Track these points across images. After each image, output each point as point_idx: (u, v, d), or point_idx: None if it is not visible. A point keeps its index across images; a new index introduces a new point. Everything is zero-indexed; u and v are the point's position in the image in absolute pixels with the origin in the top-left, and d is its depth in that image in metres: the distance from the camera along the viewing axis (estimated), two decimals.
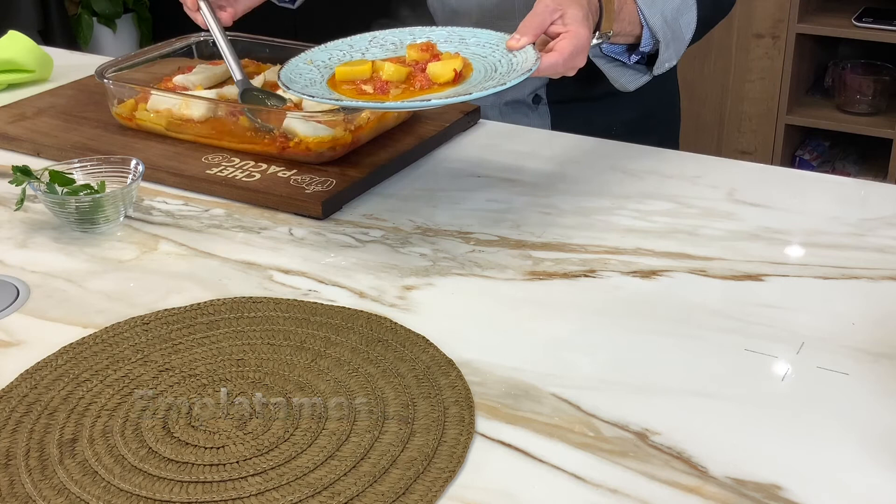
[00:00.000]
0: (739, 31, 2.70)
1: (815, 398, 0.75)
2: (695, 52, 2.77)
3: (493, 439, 0.71)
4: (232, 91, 1.21)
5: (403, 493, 0.66)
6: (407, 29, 1.05)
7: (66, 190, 1.02)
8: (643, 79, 1.17)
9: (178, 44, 1.37)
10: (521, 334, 0.84)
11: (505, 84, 0.91)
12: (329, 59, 1.03)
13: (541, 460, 0.69)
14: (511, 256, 0.96)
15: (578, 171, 1.15)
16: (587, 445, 0.70)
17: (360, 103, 0.95)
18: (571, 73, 0.99)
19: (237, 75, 1.20)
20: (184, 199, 1.10)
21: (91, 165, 1.06)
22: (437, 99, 0.93)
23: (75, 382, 0.78)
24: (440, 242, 0.99)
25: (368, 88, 0.96)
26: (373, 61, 1.00)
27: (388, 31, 1.05)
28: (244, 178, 1.09)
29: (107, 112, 1.26)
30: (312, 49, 1.04)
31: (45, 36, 3.27)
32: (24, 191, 1.03)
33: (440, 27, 1.06)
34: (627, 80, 1.17)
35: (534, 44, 0.97)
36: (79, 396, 0.76)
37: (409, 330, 0.83)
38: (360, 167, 1.11)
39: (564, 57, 0.95)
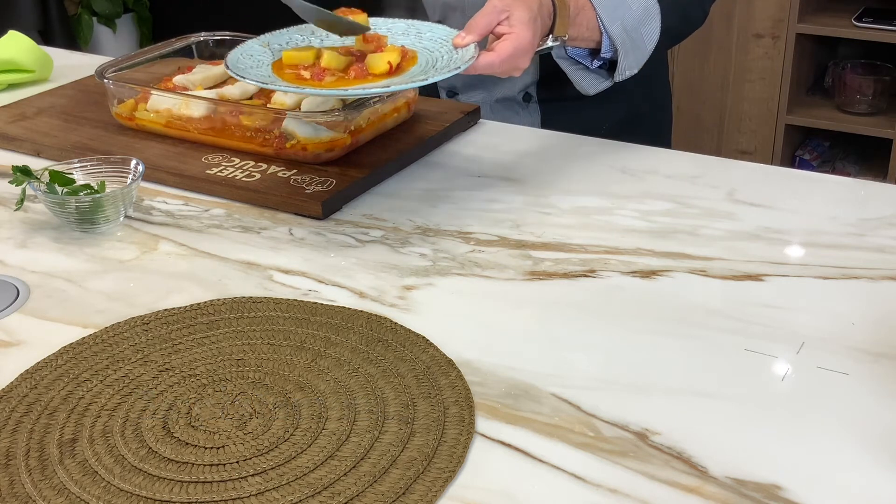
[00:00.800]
0: (739, 31, 2.70)
1: (815, 398, 0.75)
2: (695, 52, 2.77)
3: (493, 439, 0.71)
4: (232, 91, 1.21)
5: (403, 493, 0.66)
6: (372, 18, 1.07)
7: (66, 190, 1.02)
8: (604, 84, 1.18)
9: (178, 44, 1.37)
10: (521, 334, 0.84)
11: (426, 79, 0.93)
12: (286, 43, 1.05)
13: (541, 460, 0.69)
14: (511, 256, 0.96)
15: (578, 170, 1.15)
16: (587, 445, 0.70)
17: (284, 87, 0.96)
18: (516, 74, 1.01)
19: None
20: (184, 199, 1.10)
21: (91, 165, 1.06)
22: (354, 89, 0.97)
23: (75, 382, 0.78)
24: (440, 242, 0.99)
25: (306, 74, 0.99)
26: (318, 48, 1.01)
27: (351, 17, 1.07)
28: (244, 178, 1.09)
29: (107, 112, 1.26)
30: (273, 32, 1.07)
31: (45, 36, 3.27)
32: (24, 191, 1.03)
33: (403, 20, 1.07)
34: (588, 83, 1.17)
35: (478, 43, 0.98)
36: (79, 396, 0.76)
37: (409, 330, 0.83)
38: (360, 167, 1.11)
39: (502, 58, 0.97)
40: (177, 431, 0.72)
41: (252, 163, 1.13)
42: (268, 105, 1.18)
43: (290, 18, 1.04)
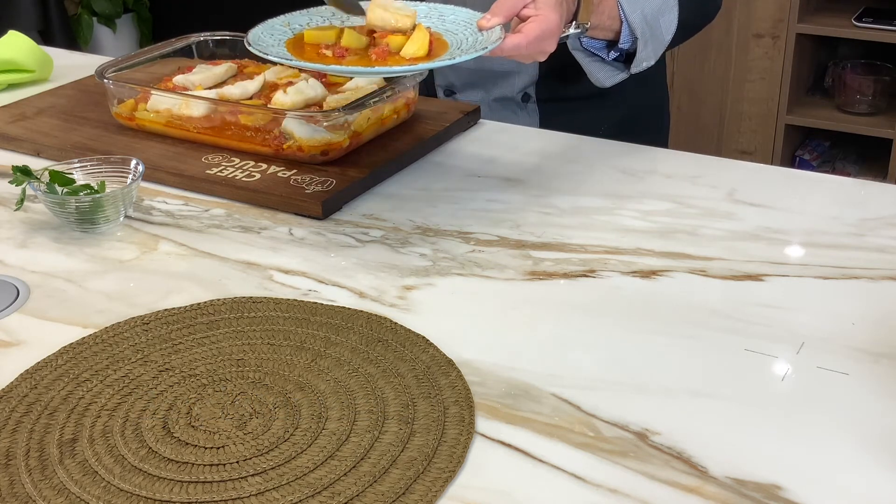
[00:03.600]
0: (739, 31, 2.70)
1: (815, 398, 0.75)
2: (695, 52, 2.77)
3: (493, 439, 0.71)
4: (232, 91, 1.21)
5: (403, 493, 0.66)
6: (391, 1, 1.06)
7: (66, 190, 1.02)
8: (620, 76, 1.18)
9: (178, 44, 1.37)
10: (521, 334, 0.84)
11: (454, 59, 0.93)
12: (308, 23, 1.04)
13: (541, 460, 0.69)
14: (511, 256, 0.96)
15: (578, 170, 1.15)
16: (587, 445, 0.70)
17: (305, 64, 0.95)
18: (541, 58, 1.00)
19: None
20: (184, 199, 1.10)
21: (91, 165, 1.06)
22: (380, 68, 0.96)
23: (75, 382, 0.78)
24: (440, 242, 0.99)
25: (328, 53, 0.98)
26: (341, 27, 1.01)
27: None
28: (244, 178, 1.09)
29: (107, 112, 1.26)
30: (294, 13, 1.05)
31: (45, 36, 3.27)
32: (24, 191, 1.03)
33: (424, 2, 1.06)
34: (605, 76, 1.17)
35: (504, 26, 0.97)
36: (79, 396, 0.76)
37: (409, 330, 0.83)
38: (360, 167, 1.11)
39: (529, 39, 0.96)
40: (177, 431, 0.72)
41: (252, 163, 1.13)
42: (268, 105, 1.18)
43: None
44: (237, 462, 0.69)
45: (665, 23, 1.15)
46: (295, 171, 1.11)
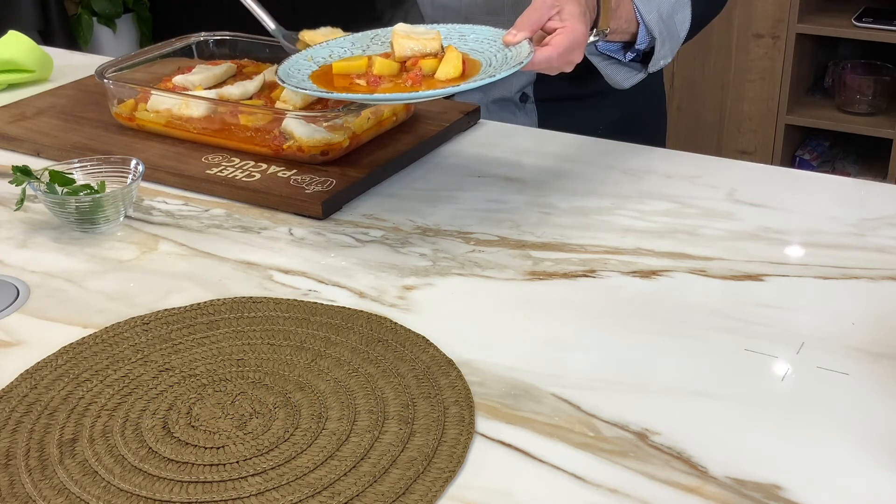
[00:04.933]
0: (739, 31, 2.70)
1: (815, 398, 0.75)
2: (695, 52, 2.77)
3: (493, 439, 0.71)
4: (232, 91, 1.21)
5: (403, 493, 0.66)
6: (411, 28, 1.05)
7: (66, 190, 1.02)
8: (638, 76, 1.18)
9: (178, 44, 1.37)
10: (521, 334, 0.84)
11: (494, 76, 0.91)
12: (329, 55, 1.04)
13: (541, 460, 0.69)
14: (511, 256, 0.96)
15: (578, 170, 1.15)
16: (587, 445, 0.70)
17: (348, 95, 0.97)
18: (568, 69, 0.99)
19: (270, 24, 1.23)
20: (184, 199, 1.10)
21: (91, 165, 1.06)
22: (423, 92, 0.95)
23: (75, 382, 0.78)
24: (440, 242, 0.99)
25: (361, 82, 0.98)
26: (370, 56, 1.01)
27: (390, 28, 1.06)
28: (244, 178, 1.09)
29: (107, 112, 1.26)
30: (314, 46, 1.06)
31: (45, 36, 3.27)
32: (24, 191, 1.03)
33: (441, 24, 1.06)
34: (623, 77, 1.18)
35: (531, 39, 0.97)
36: (79, 396, 0.76)
37: (409, 330, 0.83)
38: (360, 167, 1.11)
39: (560, 51, 0.96)
40: (177, 431, 0.72)
41: (252, 163, 1.13)
42: (273, 105, 1.18)
43: (292, 20, 1.05)
44: (237, 462, 0.69)
45: (680, 20, 1.16)
46: (295, 171, 1.11)
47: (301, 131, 1.11)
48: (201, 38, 1.39)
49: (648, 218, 1.03)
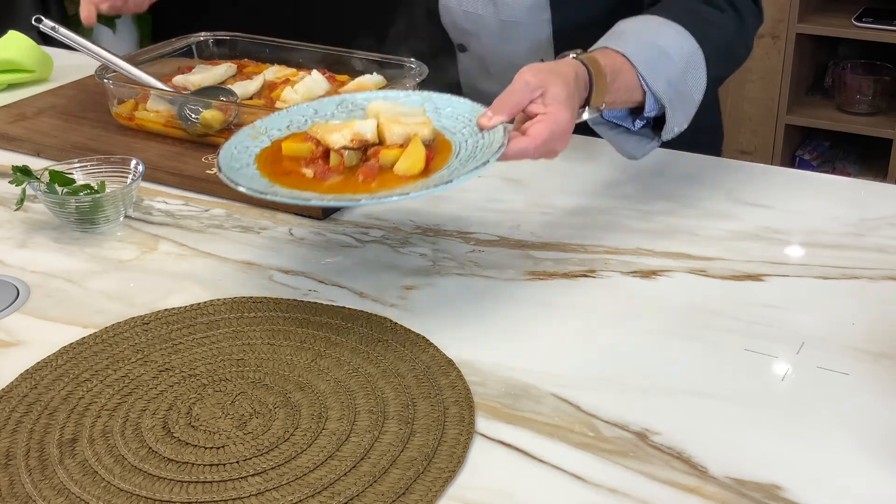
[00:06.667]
0: None
1: (815, 398, 0.75)
2: None
3: (493, 439, 0.71)
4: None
5: (403, 493, 0.66)
6: (381, 92, 0.98)
7: (66, 190, 1.02)
8: (651, 145, 1.04)
9: (178, 44, 1.37)
10: (521, 334, 0.84)
11: (450, 182, 0.81)
12: (288, 124, 0.93)
13: (541, 460, 0.69)
14: (511, 256, 0.96)
15: (579, 170, 1.15)
16: (587, 445, 0.70)
17: (285, 199, 0.84)
18: (551, 157, 0.90)
19: (164, 87, 1.21)
20: (184, 199, 1.10)
21: (91, 165, 1.06)
22: (366, 197, 0.83)
23: (75, 382, 0.78)
24: (440, 242, 0.99)
25: (309, 172, 0.87)
26: (320, 138, 0.88)
27: (357, 94, 0.97)
28: None
29: (107, 112, 1.26)
30: (271, 114, 0.94)
31: (45, 36, 3.27)
32: (24, 191, 1.03)
33: (418, 92, 0.97)
34: (633, 147, 1.03)
35: (509, 123, 0.87)
36: (79, 396, 0.76)
37: (409, 330, 0.83)
38: None
39: (537, 143, 0.85)
40: (177, 431, 0.72)
41: None
42: (273, 105, 1.18)
43: (291, 20, 1.04)
44: (237, 462, 0.69)
45: (693, 80, 1.02)
46: None
47: None
48: (201, 38, 1.39)
49: (648, 218, 1.03)
